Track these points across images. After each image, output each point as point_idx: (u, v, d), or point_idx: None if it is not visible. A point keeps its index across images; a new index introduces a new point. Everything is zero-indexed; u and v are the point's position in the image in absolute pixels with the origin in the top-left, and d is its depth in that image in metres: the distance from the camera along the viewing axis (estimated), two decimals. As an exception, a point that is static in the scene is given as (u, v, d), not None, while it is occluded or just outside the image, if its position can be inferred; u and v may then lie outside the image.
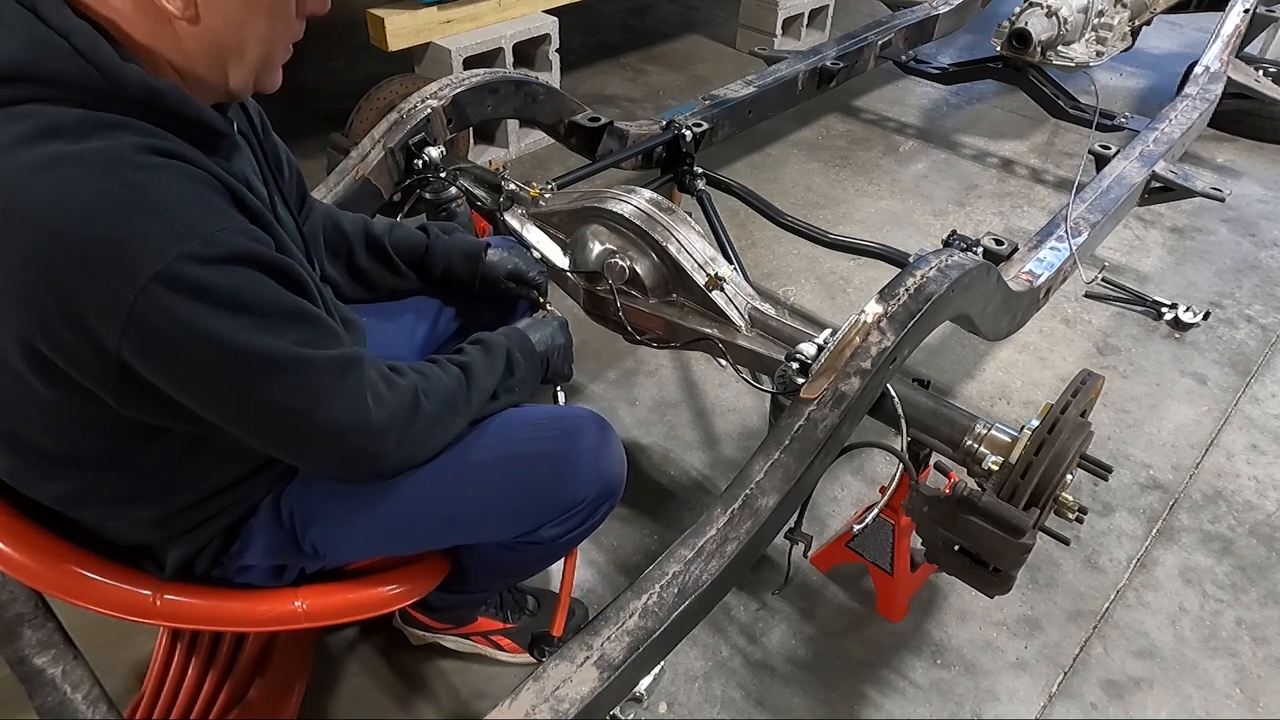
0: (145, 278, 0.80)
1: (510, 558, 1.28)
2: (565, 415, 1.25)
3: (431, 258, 1.46)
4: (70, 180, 0.81)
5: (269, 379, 0.91)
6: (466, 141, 2.95)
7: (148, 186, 0.82)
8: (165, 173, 0.85)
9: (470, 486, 1.14)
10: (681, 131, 2.39)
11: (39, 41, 0.82)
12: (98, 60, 0.83)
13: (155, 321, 0.82)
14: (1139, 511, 1.99)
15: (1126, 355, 2.45)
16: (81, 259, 0.80)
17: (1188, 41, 4.41)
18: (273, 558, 1.14)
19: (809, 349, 1.41)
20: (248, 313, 0.87)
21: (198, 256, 0.82)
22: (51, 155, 0.81)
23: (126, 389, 0.88)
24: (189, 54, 0.91)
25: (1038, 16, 3.03)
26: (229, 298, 0.85)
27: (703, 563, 1.19)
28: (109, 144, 0.83)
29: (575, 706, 1.04)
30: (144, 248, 0.81)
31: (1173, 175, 2.45)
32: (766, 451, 1.31)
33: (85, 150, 0.82)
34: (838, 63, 3.00)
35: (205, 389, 0.90)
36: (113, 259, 0.80)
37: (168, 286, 0.81)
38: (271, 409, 0.93)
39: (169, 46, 0.90)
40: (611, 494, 1.22)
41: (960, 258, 1.52)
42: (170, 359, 0.86)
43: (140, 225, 0.81)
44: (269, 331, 0.89)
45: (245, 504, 1.12)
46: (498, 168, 1.94)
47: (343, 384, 0.97)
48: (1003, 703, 1.61)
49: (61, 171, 0.81)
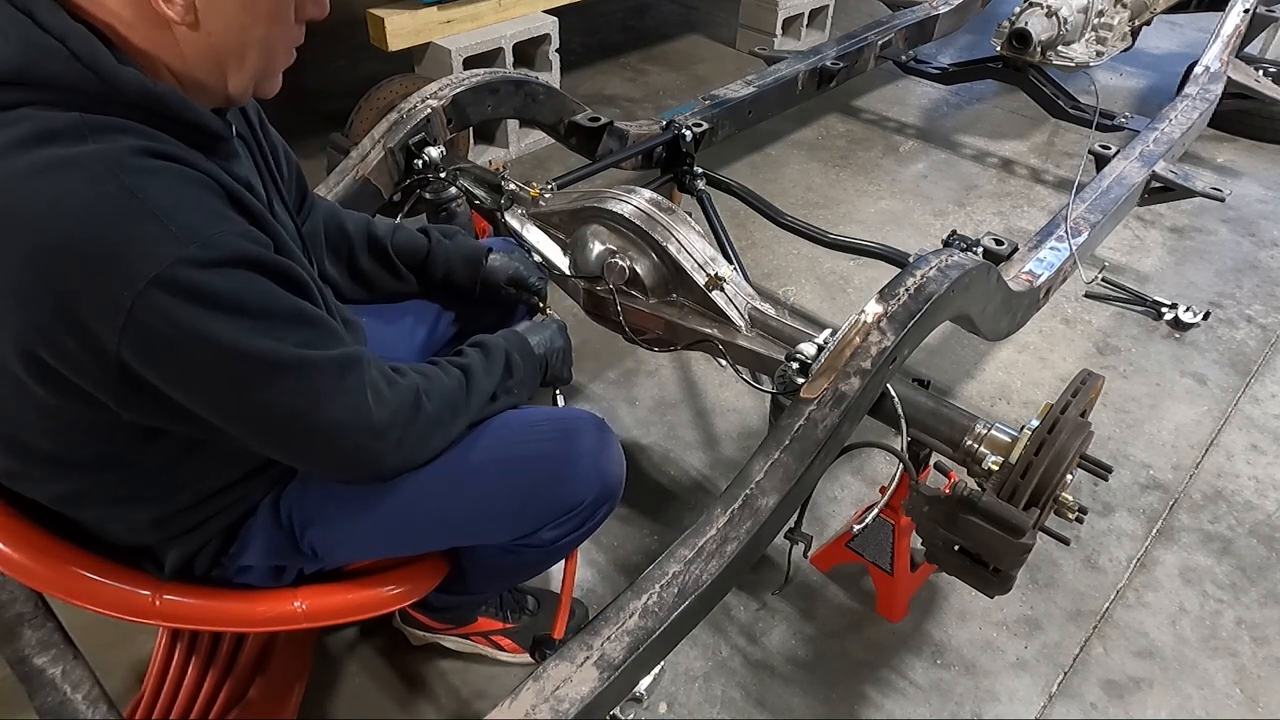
0: (143, 281, 0.80)
1: (509, 560, 1.27)
2: (564, 417, 1.25)
3: (433, 262, 1.45)
4: (67, 184, 0.80)
5: (269, 381, 0.91)
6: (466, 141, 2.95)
7: (145, 190, 0.82)
8: (163, 176, 0.84)
9: (469, 488, 1.14)
10: (681, 131, 2.39)
11: (35, 45, 0.82)
12: (94, 64, 0.83)
13: (154, 325, 0.82)
14: (1139, 511, 1.99)
15: (1126, 355, 2.45)
16: (79, 263, 0.80)
17: (1188, 41, 4.41)
18: (272, 558, 1.14)
19: (809, 349, 1.41)
20: (247, 315, 0.87)
21: (195, 260, 0.82)
22: (48, 160, 0.81)
23: (127, 391, 0.88)
24: (188, 59, 0.91)
25: (1038, 16, 3.03)
26: (227, 300, 0.85)
27: (703, 563, 1.19)
28: (106, 147, 0.83)
29: (575, 706, 1.04)
30: (141, 251, 0.80)
31: (1173, 175, 2.45)
32: (766, 451, 1.31)
33: (82, 154, 0.81)
34: (838, 63, 3.00)
35: (205, 391, 0.90)
36: (110, 263, 0.80)
37: (165, 290, 0.81)
38: (272, 410, 0.93)
39: (168, 51, 0.89)
40: (610, 496, 1.22)
41: (960, 258, 1.52)
42: (170, 362, 0.86)
43: (137, 229, 0.81)
44: (269, 334, 0.89)
45: (244, 505, 1.12)
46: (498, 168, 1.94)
47: (343, 384, 0.97)
48: (1003, 703, 1.61)
49: (58, 176, 0.80)
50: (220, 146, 0.96)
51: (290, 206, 1.18)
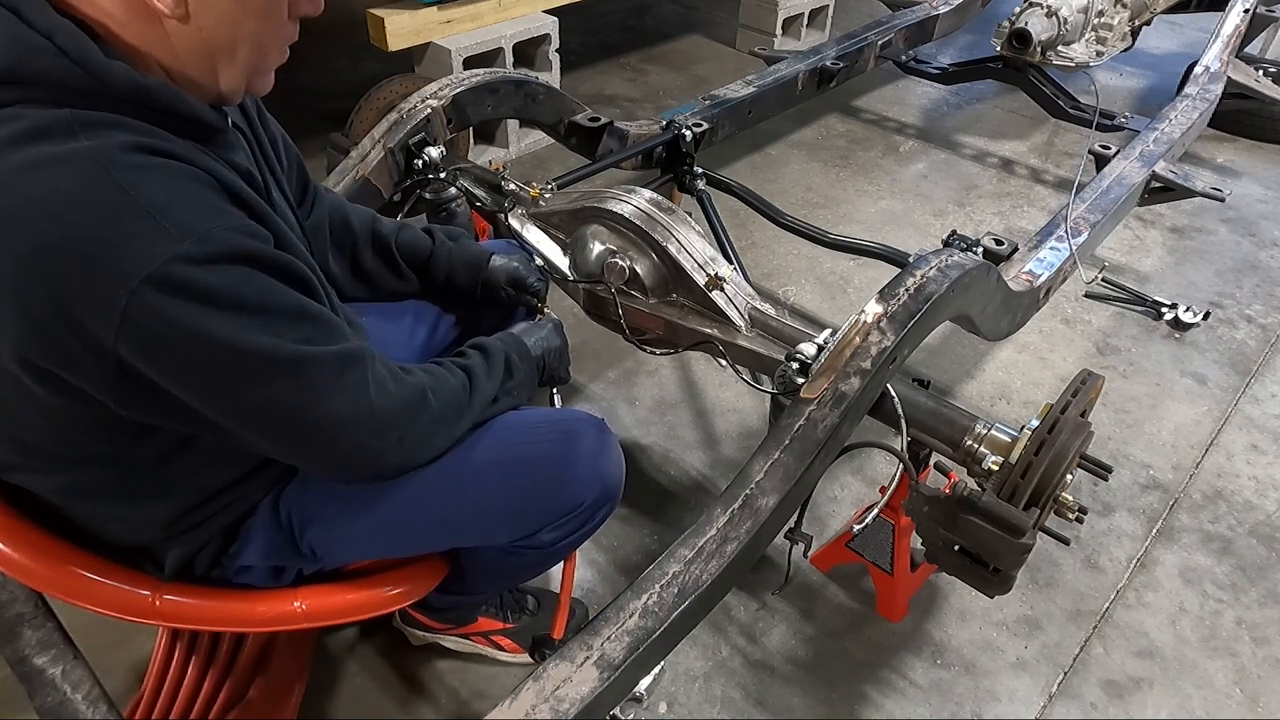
0: (136, 280, 0.79)
1: (509, 561, 1.27)
2: (564, 419, 1.25)
3: (435, 263, 1.45)
4: (58, 182, 0.80)
5: (268, 378, 0.90)
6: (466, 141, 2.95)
7: (138, 187, 0.81)
8: (157, 172, 0.84)
9: (470, 489, 1.14)
10: (681, 131, 2.39)
11: (21, 42, 0.81)
12: (83, 59, 0.82)
13: (149, 323, 0.81)
14: (1139, 511, 1.99)
15: (1126, 355, 2.45)
16: (74, 263, 0.80)
17: (1187, 42, 4.41)
18: (271, 558, 1.14)
19: (809, 349, 1.41)
20: (245, 311, 0.86)
21: (190, 257, 0.81)
22: (38, 157, 0.80)
23: (127, 389, 0.88)
24: (179, 54, 0.90)
25: (1038, 16, 3.03)
26: (223, 297, 0.84)
27: (703, 563, 1.19)
28: (97, 144, 0.82)
29: (575, 706, 1.04)
30: (135, 249, 0.80)
31: (1173, 175, 2.45)
32: (766, 451, 1.31)
33: (72, 151, 0.81)
34: (838, 63, 3.00)
35: (203, 388, 0.90)
36: (104, 261, 0.80)
37: (158, 289, 0.80)
38: (271, 407, 0.93)
39: (159, 47, 0.89)
40: (610, 498, 1.22)
41: (960, 258, 1.52)
42: (167, 359, 0.86)
43: (131, 227, 0.80)
44: (267, 330, 0.88)
45: (244, 505, 1.12)
46: (498, 168, 1.94)
47: (343, 380, 0.96)
48: (1003, 703, 1.61)
49: (49, 173, 0.80)
50: (216, 137, 0.96)
51: (291, 198, 1.17)
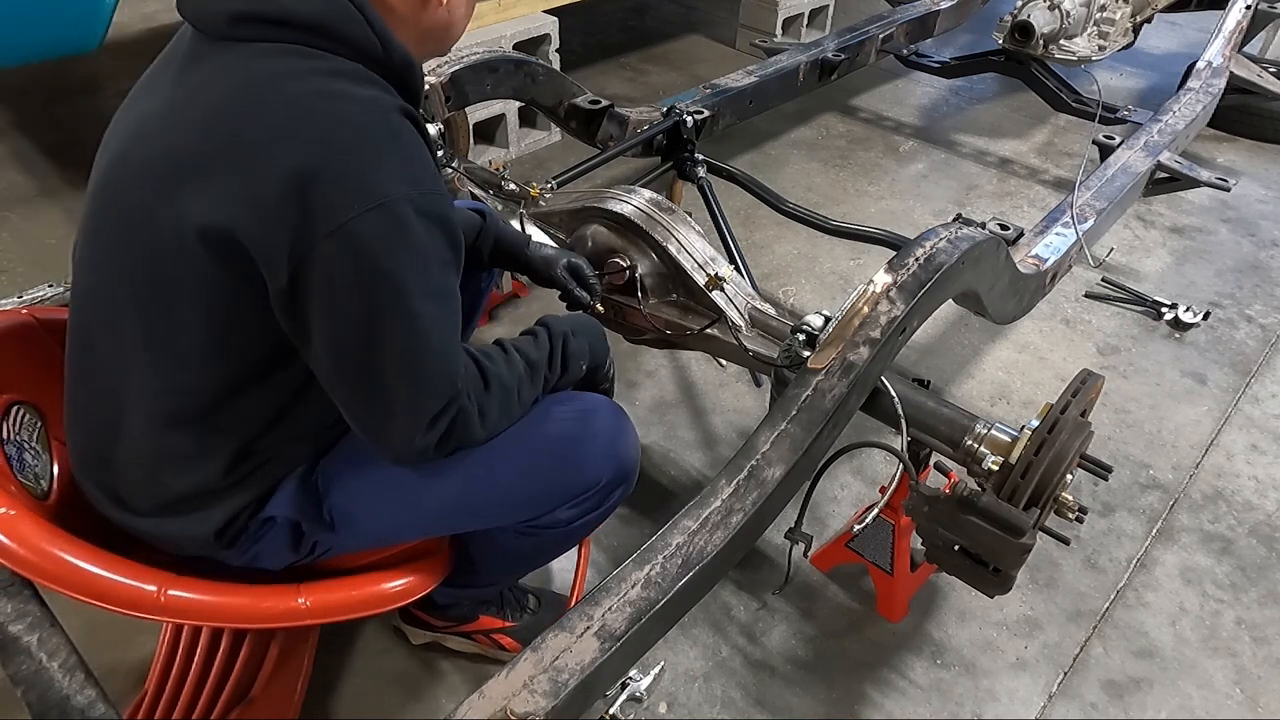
0: (374, 201, 0.92)
1: (524, 544, 1.29)
2: (582, 400, 1.27)
3: (484, 240, 1.50)
4: (350, 111, 0.96)
5: (397, 332, 0.98)
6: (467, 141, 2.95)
7: (400, 137, 0.98)
8: (410, 132, 1.00)
9: (489, 468, 1.16)
10: (683, 117, 2.37)
11: (335, 7, 0.97)
12: (382, 32, 1.00)
13: (360, 234, 0.92)
14: (1139, 511, 1.99)
15: (1126, 355, 2.45)
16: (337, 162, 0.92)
17: (1187, 41, 4.40)
18: (293, 511, 1.15)
19: (816, 320, 1.39)
20: (426, 272, 0.98)
21: (415, 203, 0.96)
22: (339, 90, 0.96)
23: (281, 284, 0.94)
24: (425, 32, 1.07)
25: (1040, 9, 3.02)
26: (420, 245, 0.97)
27: (707, 534, 1.17)
28: (382, 95, 1.00)
29: (575, 677, 1.01)
30: (383, 178, 0.94)
31: (1178, 165, 2.42)
32: (773, 422, 1.28)
33: (365, 94, 0.98)
34: (839, 55, 2.99)
35: (347, 315, 0.96)
36: (358, 175, 0.93)
37: (384, 214, 0.93)
38: (383, 354, 0.99)
39: (413, 25, 1.05)
40: (626, 478, 1.25)
41: (970, 230, 1.50)
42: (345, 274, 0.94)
43: (388, 162, 0.95)
44: (425, 293, 0.98)
45: (298, 462, 1.15)
46: (498, 167, 1.94)
47: (443, 363, 1.02)
48: (1003, 703, 1.61)
49: (345, 105, 0.96)
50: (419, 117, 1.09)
51: None
